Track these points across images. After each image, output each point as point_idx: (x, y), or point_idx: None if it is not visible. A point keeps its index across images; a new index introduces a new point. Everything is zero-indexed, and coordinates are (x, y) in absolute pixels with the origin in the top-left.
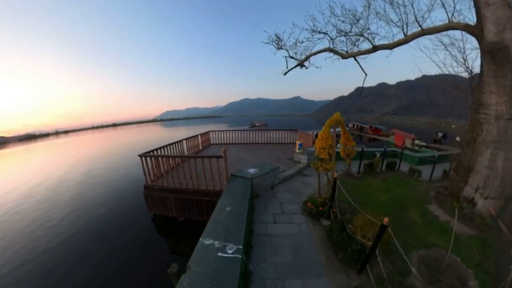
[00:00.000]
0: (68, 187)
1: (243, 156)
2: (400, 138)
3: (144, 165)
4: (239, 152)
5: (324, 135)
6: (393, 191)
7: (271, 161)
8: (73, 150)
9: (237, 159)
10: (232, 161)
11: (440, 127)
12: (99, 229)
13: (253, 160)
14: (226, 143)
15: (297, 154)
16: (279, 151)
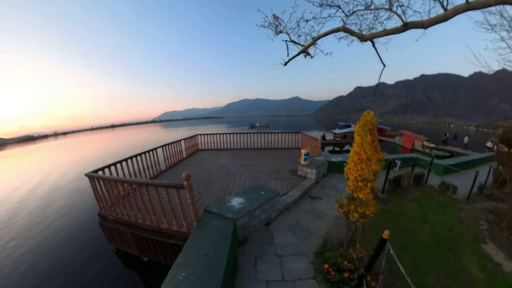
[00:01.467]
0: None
1: (233, 169)
2: (409, 140)
3: (93, 187)
4: (230, 161)
5: (361, 152)
6: (432, 220)
7: (269, 175)
8: (62, 153)
9: (225, 173)
10: (217, 177)
11: (439, 126)
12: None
13: (245, 175)
14: (217, 149)
15: (303, 166)
16: (280, 161)
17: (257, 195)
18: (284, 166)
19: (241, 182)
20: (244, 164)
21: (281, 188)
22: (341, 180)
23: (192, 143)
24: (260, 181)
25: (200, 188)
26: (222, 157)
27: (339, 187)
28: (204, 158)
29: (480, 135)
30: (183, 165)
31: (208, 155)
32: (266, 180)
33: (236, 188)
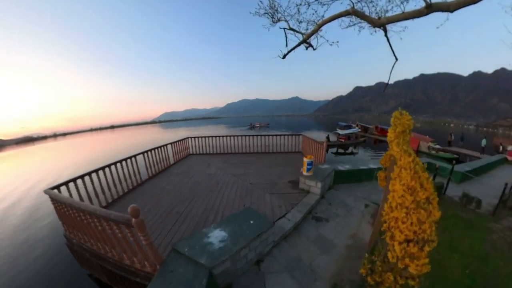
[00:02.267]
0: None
1: (223, 180)
2: (414, 141)
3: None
4: (220, 169)
5: (416, 188)
6: (461, 247)
7: (264, 189)
8: (54, 156)
9: (213, 185)
10: (203, 190)
11: (439, 126)
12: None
13: (236, 188)
14: (209, 153)
15: (306, 178)
16: (277, 168)
17: (245, 225)
18: (283, 175)
19: (230, 197)
20: (236, 173)
21: (278, 208)
22: (349, 193)
23: (181, 147)
24: (253, 197)
25: (180, 207)
26: (213, 164)
27: (348, 203)
28: (192, 165)
29: (480, 134)
30: (168, 173)
31: (198, 161)
32: (260, 195)
33: (223, 206)
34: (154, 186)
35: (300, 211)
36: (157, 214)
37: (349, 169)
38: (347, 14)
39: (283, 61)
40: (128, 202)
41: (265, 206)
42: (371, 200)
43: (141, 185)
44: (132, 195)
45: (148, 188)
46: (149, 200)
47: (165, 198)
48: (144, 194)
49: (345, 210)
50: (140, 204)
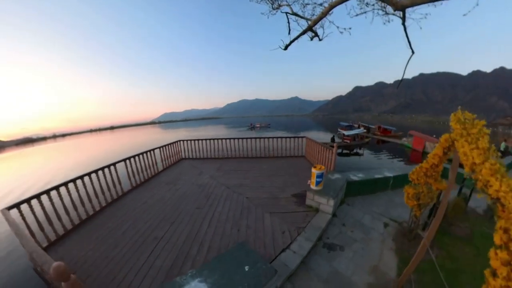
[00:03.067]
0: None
1: (215, 193)
2: (420, 141)
3: None
4: (213, 179)
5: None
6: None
7: (263, 206)
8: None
9: (202, 200)
10: (190, 207)
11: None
12: None
13: (230, 205)
14: (203, 158)
15: (315, 193)
16: (279, 178)
17: (238, 274)
18: (285, 187)
19: (221, 219)
20: (230, 184)
21: (280, 234)
22: (365, 208)
23: (172, 151)
24: (249, 218)
25: (159, 231)
26: (206, 171)
27: (365, 222)
28: (183, 172)
29: None
30: (155, 183)
31: (189, 168)
32: (258, 215)
33: (211, 232)
34: (136, 200)
35: (308, 238)
36: (132, 239)
37: (363, 178)
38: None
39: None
40: (97, 225)
41: (265, 232)
42: (390, 217)
43: (122, 198)
44: (107, 212)
45: (129, 202)
46: (126, 218)
47: (145, 216)
48: (123, 209)
49: (362, 232)
50: (115, 225)
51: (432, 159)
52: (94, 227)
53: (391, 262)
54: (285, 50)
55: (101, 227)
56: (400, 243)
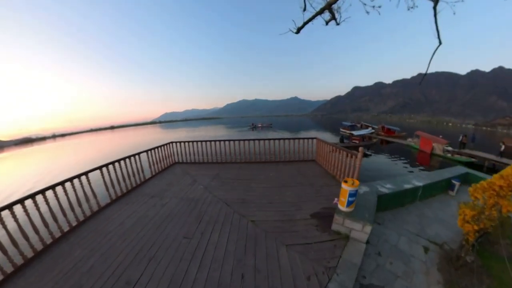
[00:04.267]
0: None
1: (210, 212)
2: (427, 143)
3: None
4: (208, 190)
5: None
6: None
7: (276, 233)
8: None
9: (191, 224)
10: (174, 235)
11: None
12: None
13: (230, 234)
14: (199, 162)
15: (345, 216)
16: (290, 188)
17: None
18: (300, 202)
19: (217, 257)
20: (230, 199)
21: (305, 281)
22: (397, 227)
23: (162, 155)
24: (259, 255)
25: (133, 271)
26: (200, 179)
27: (402, 247)
28: (173, 181)
29: (480, 133)
30: (139, 194)
31: (181, 175)
32: (270, 248)
33: (203, 279)
34: (111, 219)
35: (343, 284)
36: (98, 281)
37: (394, 190)
38: None
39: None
40: (63, 253)
41: (282, 279)
42: (428, 238)
43: (97, 214)
44: (78, 234)
45: (103, 222)
46: (96, 246)
47: (120, 244)
48: (95, 232)
49: (402, 262)
50: (83, 254)
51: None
52: (59, 254)
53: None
54: (297, 34)
55: (68, 256)
56: (447, 273)
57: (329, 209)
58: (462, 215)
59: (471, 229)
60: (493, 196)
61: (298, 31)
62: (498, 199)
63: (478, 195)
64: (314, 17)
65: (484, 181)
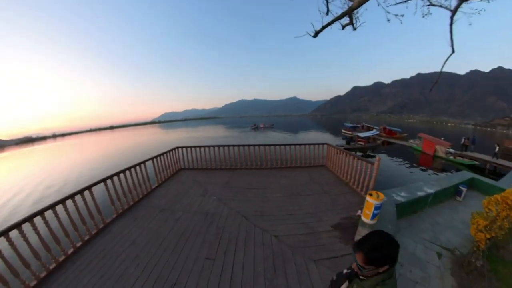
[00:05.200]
0: None
1: (228, 227)
2: (430, 145)
3: None
4: (222, 201)
5: None
6: None
7: (303, 249)
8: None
9: (211, 243)
10: (194, 258)
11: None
12: None
13: (253, 247)
14: (206, 168)
15: (369, 229)
16: (307, 198)
17: None
18: (319, 213)
19: (247, 279)
20: (248, 211)
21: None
22: (413, 236)
23: (168, 161)
24: (288, 271)
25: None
26: (211, 188)
27: (419, 255)
28: (183, 191)
29: (479, 133)
30: (146, 207)
31: (190, 183)
32: (299, 266)
33: None
34: (120, 238)
35: None
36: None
37: (408, 199)
38: None
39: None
40: (69, 281)
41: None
42: (441, 244)
43: (102, 231)
44: (84, 257)
45: (110, 241)
46: (107, 271)
47: (133, 269)
48: (103, 254)
49: (420, 269)
50: (91, 284)
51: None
52: (66, 283)
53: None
54: (315, 37)
55: (76, 284)
56: (459, 278)
57: (348, 219)
58: (475, 224)
59: (483, 237)
60: (506, 209)
61: (316, 35)
62: (510, 212)
63: (492, 208)
64: (334, 21)
65: (498, 195)
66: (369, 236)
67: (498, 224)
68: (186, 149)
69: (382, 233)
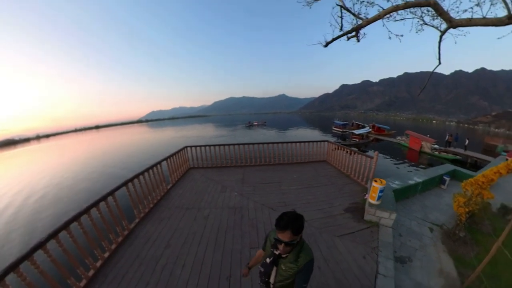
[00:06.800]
0: None
1: (259, 218)
2: (416, 141)
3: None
4: (244, 196)
5: None
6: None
7: (327, 229)
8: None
9: (251, 234)
10: (239, 247)
11: (422, 123)
12: None
13: None
14: (215, 166)
15: (376, 208)
16: (318, 188)
17: None
18: (331, 200)
19: None
20: (271, 203)
21: (362, 260)
22: (408, 215)
23: (179, 161)
24: (320, 246)
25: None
26: (228, 185)
27: (415, 229)
28: (200, 190)
29: (461, 130)
30: (167, 208)
31: (204, 181)
32: (328, 241)
33: None
34: (151, 240)
35: (387, 256)
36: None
37: (402, 186)
38: (428, 5)
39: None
40: None
41: (346, 261)
42: (431, 221)
43: (128, 239)
44: (114, 268)
45: (140, 245)
46: (152, 281)
47: (180, 272)
48: (138, 261)
49: (417, 239)
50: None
51: (492, 175)
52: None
53: (449, 263)
54: (325, 47)
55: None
56: (448, 245)
57: (355, 203)
58: (456, 202)
59: (463, 211)
60: (478, 188)
61: (327, 45)
62: (480, 190)
63: (468, 188)
64: (343, 35)
65: (472, 178)
66: (284, 216)
67: (474, 200)
68: (196, 148)
69: (290, 212)
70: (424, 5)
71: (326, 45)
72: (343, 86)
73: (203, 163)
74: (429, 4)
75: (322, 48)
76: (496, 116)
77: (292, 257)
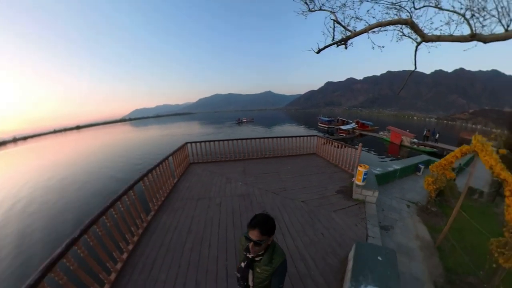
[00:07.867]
0: None
1: (266, 201)
2: (397, 136)
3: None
4: (249, 185)
5: None
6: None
7: (323, 206)
8: None
9: None
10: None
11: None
12: None
13: (293, 211)
14: (215, 161)
15: (362, 188)
16: (311, 176)
17: (378, 264)
18: (324, 184)
19: (300, 230)
20: (273, 189)
21: (355, 227)
22: (389, 195)
23: (181, 157)
24: (321, 219)
25: None
26: (232, 177)
27: (394, 206)
28: (206, 182)
29: (441, 126)
30: (179, 200)
31: (208, 174)
32: (327, 215)
33: (311, 246)
34: (170, 231)
35: (373, 224)
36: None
37: (382, 172)
38: (406, 23)
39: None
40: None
41: (344, 228)
42: (408, 199)
43: (148, 230)
44: (140, 262)
45: (161, 237)
46: (183, 263)
47: (206, 256)
48: (162, 253)
49: (397, 213)
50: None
51: (451, 158)
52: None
53: (423, 230)
54: (318, 54)
55: (152, 284)
56: (422, 217)
57: (344, 187)
58: (426, 181)
59: (432, 188)
60: (441, 169)
61: (319, 52)
62: (443, 170)
63: (434, 170)
64: (333, 44)
65: (437, 162)
66: (256, 217)
67: (439, 179)
68: (196, 144)
69: (263, 213)
70: (402, 23)
71: (318, 52)
72: (328, 83)
73: (203, 158)
74: (406, 23)
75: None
76: (474, 113)
77: (266, 260)
